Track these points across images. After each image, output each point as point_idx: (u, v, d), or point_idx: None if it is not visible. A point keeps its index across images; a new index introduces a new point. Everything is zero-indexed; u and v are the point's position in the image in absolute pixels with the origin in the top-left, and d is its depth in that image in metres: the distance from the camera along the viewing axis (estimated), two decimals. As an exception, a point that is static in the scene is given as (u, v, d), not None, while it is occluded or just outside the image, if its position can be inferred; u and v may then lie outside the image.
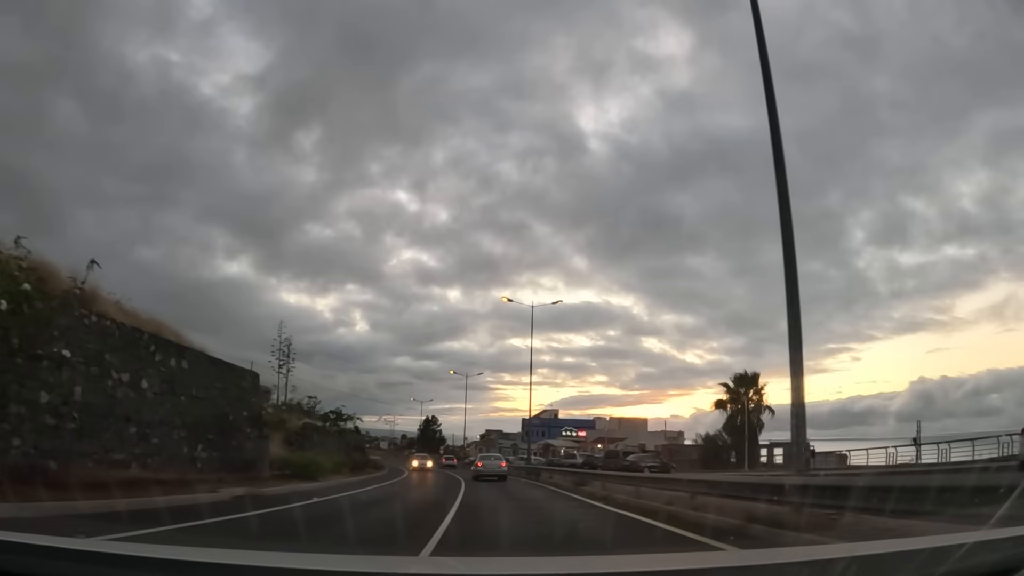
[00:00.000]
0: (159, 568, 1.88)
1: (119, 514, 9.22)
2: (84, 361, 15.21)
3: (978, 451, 28.83)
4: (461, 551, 7.89)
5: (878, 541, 3.26)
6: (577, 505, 16.69)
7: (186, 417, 19.34)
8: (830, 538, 6.37)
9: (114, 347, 16.37)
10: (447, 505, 14.78)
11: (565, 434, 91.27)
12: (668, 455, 48.97)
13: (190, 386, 19.92)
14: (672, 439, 74.30)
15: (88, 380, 15.33)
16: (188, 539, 7.25)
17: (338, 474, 29.09)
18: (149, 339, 18.10)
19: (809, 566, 2.03)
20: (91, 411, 15.29)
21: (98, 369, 15.68)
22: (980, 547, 2.00)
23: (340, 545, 7.84)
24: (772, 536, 7.89)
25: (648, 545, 8.92)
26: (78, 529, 5.36)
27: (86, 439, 15.08)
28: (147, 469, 16.78)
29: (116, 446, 16.05)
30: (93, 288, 16.87)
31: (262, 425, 23.56)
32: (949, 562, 1.86)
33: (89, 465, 14.91)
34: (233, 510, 11.14)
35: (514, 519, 12.68)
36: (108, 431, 15.89)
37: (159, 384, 18.18)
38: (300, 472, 22.90)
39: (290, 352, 39.72)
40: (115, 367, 16.32)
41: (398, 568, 2.29)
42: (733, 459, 49.04)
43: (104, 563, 1.87)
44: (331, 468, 28.76)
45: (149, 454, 17.34)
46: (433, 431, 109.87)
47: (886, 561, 2.12)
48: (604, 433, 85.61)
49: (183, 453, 19.12)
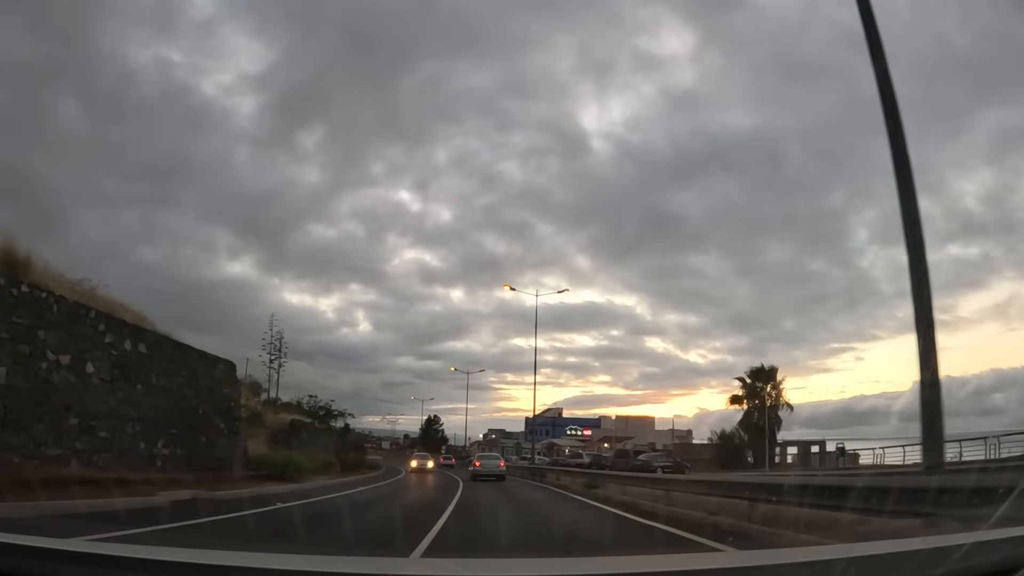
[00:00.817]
0: (135, 567, 1.88)
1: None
2: (10, 338, 12.88)
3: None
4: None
5: (876, 542, 3.00)
6: (595, 515, 13.97)
7: (143, 409, 16.97)
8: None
9: (51, 323, 14.03)
10: (435, 512, 12.35)
11: (570, 433, 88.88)
12: (679, 454, 46.43)
13: (149, 373, 17.57)
14: (681, 438, 71.84)
15: (16, 360, 12.99)
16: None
17: (325, 474, 26.70)
18: (97, 317, 15.73)
19: (808, 567, 2.05)
20: (18, 397, 12.95)
21: (29, 348, 13.33)
22: (979, 547, 2.01)
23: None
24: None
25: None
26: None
27: (12, 430, 12.73)
28: (91, 467, 14.42)
29: (50, 439, 13.70)
30: (26, 255, 14.55)
31: (233, 420, 21.16)
32: (948, 562, 1.87)
33: (15, 461, 12.58)
34: (160, 519, 8.77)
35: (521, 531, 10.30)
36: (41, 421, 13.54)
37: (109, 369, 15.82)
38: (278, 472, 20.51)
39: (282, 347, 37.16)
40: (51, 347, 13.98)
41: (388, 569, 2.28)
42: (750, 459, 46.76)
43: (87, 563, 1.88)
44: (316, 468, 26.40)
45: (94, 450, 14.98)
46: (435, 431, 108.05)
47: (885, 562, 2.11)
48: (610, 432, 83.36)
49: (139, 450, 16.75)
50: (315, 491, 18.72)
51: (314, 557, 2.25)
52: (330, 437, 37.25)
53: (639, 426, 79.78)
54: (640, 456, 38.24)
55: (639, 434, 74.11)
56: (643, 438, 69.62)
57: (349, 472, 32.93)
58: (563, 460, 54.63)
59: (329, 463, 27.67)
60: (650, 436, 72.28)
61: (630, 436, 70.91)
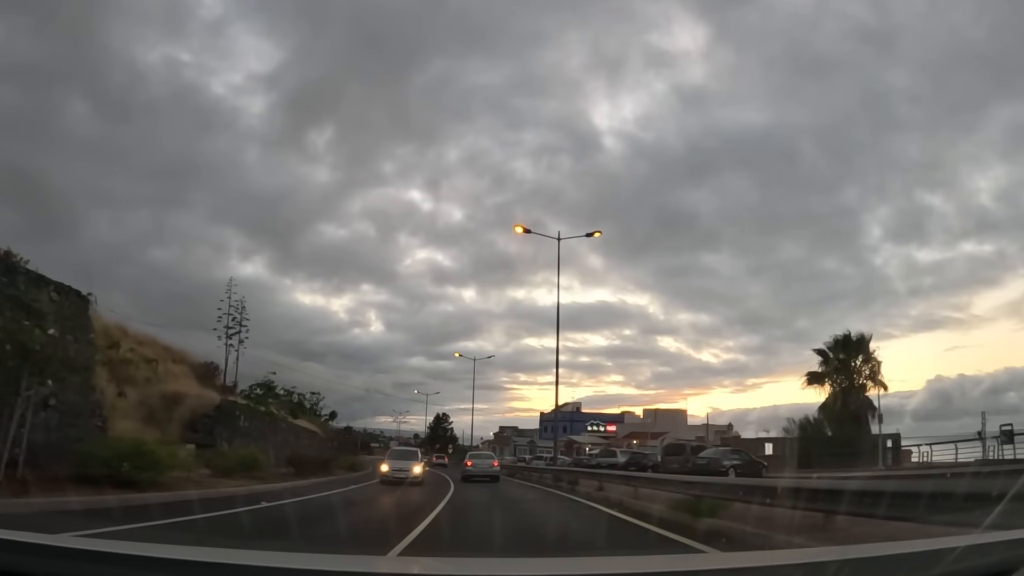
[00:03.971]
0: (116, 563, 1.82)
1: None
2: None
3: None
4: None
5: (870, 544, 2.76)
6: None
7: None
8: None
9: None
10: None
11: (591, 429, 79.27)
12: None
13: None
14: (720, 433, 62.07)
15: None
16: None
17: (246, 477, 17.30)
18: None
19: (802, 568, 2.03)
20: None
21: None
22: (973, 550, 1.99)
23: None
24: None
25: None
26: None
27: None
28: None
29: None
30: None
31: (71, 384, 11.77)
32: (942, 565, 1.86)
33: None
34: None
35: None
36: None
37: None
38: (114, 472, 11.10)
39: (242, 319, 27.17)
40: None
41: (364, 567, 2.21)
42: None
43: (82, 559, 1.85)
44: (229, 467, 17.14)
45: None
46: (444, 429, 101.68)
47: (878, 564, 2.07)
48: (635, 428, 73.83)
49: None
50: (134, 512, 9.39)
51: (294, 555, 2.12)
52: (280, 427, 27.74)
53: (670, 420, 70.13)
54: (703, 453, 28.48)
55: (671, 428, 64.87)
56: (676, 433, 60.45)
57: (306, 475, 23.41)
58: (587, 459, 45.03)
59: (254, 460, 18.31)
60: (683, 431, 63.24)
61: (664, 432, 61.44)
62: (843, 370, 39.11)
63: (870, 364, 38.95)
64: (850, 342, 39.71)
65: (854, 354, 38.96)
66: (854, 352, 39.06)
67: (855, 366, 39.26)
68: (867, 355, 38.86)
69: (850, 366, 39.05)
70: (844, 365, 38.52)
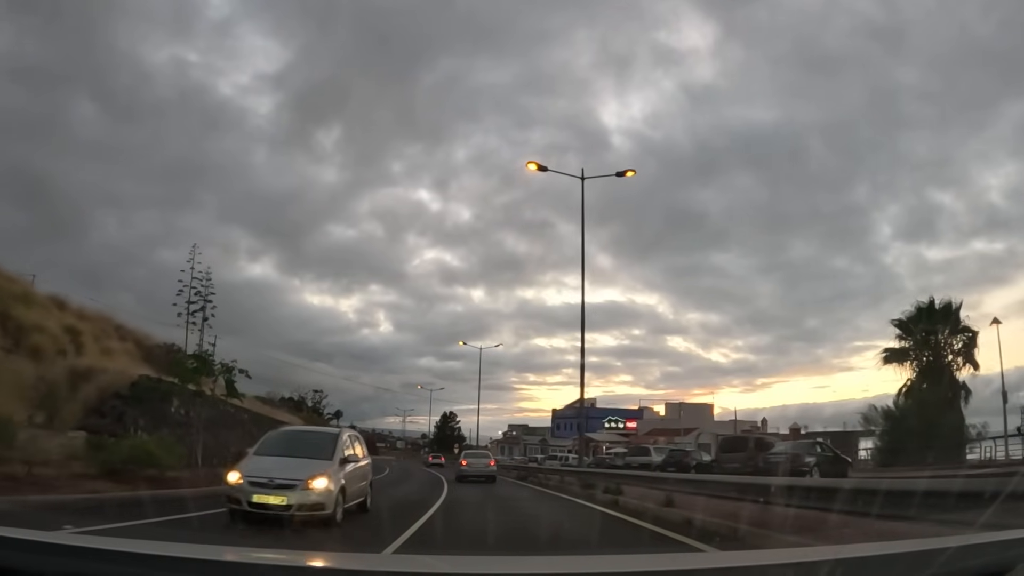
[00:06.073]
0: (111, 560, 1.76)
1: None
2: None
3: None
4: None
5: (863, 544, 2.83)
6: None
7: None
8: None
9: None
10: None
11: (608, 426, 73.31)
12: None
13: None
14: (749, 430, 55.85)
15: None
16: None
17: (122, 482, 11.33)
18: None
19: (794, 567, 2.01)
20: None
21: None
22: (965, 551, 1.97)
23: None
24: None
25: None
26: None
27: None
28: None
29: None
30: None
31: None
32: (934, 565, 1.84)
33: None
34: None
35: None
36: None
37: None
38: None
39: (208, 294, 20.90)
40: None
41: (359, 565, 2.18)
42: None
43: (80, 557, 1.78)
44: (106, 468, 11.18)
45: None
46: (451, 428, 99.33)
47: (872, 564, 2.03)
48: (658, 424, 67.73)
49: None
50: None
51: (290, 553, 2.30)
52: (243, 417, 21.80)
53: (696, 415, 64.07)
54: (776, 448, 22.15)
55: (698, 423, 59.02)
56: (704, 429, 54.48)
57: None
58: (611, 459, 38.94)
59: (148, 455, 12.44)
60: (710, 426, 57.17)
61: (693, 427, 55.32)
62: (925, 345, 32.62)
63: (963, 336, 32.46)
64: (934, 312, 32.92)
65: (941, 326, 32.51)
66: (939, 323, 32.51)
67: (941, 340, 32.91)
68: (955, 326, 32.28)
69: (934, 340, 32.65)
70: (930, 340, 31.86)
